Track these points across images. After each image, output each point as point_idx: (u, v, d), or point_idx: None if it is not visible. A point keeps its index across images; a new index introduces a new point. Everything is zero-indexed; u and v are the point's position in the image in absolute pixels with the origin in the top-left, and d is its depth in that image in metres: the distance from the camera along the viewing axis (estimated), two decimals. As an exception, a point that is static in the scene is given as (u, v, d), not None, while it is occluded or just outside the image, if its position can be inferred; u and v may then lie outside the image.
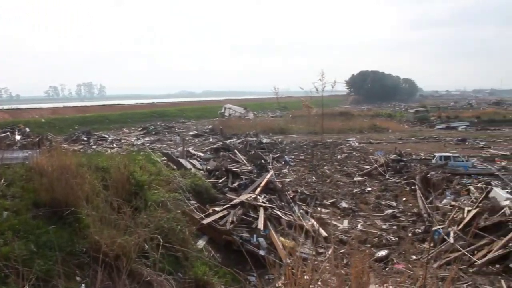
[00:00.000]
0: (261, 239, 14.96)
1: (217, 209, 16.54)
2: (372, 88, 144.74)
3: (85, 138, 44.05)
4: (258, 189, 19.38)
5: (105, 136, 47.80)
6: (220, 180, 21.56)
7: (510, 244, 14.37)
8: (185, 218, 13.55)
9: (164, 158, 22.82)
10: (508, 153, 37.98)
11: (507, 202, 17.53)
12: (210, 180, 20.80)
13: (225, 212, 16.23)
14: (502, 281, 13.23)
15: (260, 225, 15.58)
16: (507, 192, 21.63)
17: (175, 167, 20.92)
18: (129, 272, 8.54)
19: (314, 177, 28.55)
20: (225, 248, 14.51)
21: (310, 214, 19.85)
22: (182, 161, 22.42)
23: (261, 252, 13.94)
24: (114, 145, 39.38)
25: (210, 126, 58.26)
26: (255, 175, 23.35)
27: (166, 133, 54.30)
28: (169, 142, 43.66)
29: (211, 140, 44.74)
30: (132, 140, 44.87)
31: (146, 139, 46.80)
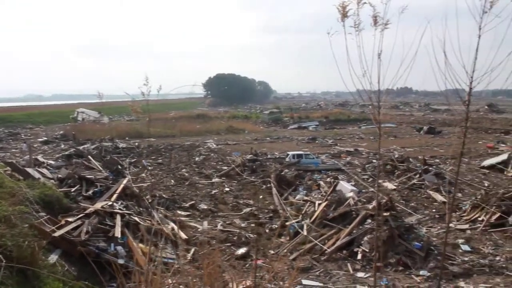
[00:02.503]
0: (119, 247, 14.39)
1: (70, 219, 15.53)
2: (229, 90, 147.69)
3: None
4: (114, 196, 18.62)
5: None
6: (73, 189, 20.32)
7: (354, 231, 15.72)
8: (34, 232, 12.51)
9: (8, 168, 20.85)
10: (352, 149, 41.46)
11: (351, 194, 19.15)
12: (62, 190, 19.47)
13: (79, 222, 15.30)
14: (349, 264, 14.52)
15: (118, 233, 14.98)
16: (351, 184, 23.65)
17: (21, 178, 19.24)
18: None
19: (172, 180, 28.30)
20: (81, 260, 13.67)
21: (170, 217, 19.62)
22: (29, 170, 20.72)
23: (120, 261, 13.41)
24: None
25: (61, 132, 54.75)
26: (111, 182, 22.42)
27: (11, 140, 49.84)
28: (14, 150, 40.11)
29: (62, 146, 42.08)
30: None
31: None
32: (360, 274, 13.99)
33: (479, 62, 5.45)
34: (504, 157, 32.79)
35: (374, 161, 33.52)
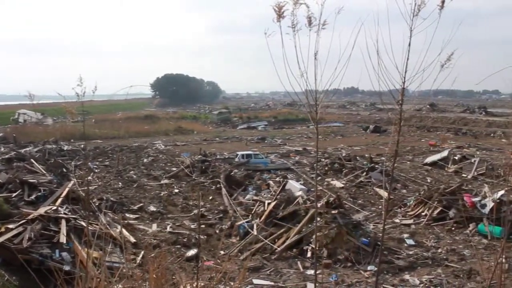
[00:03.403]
0: (64, 254, 13.95)
1: (11, 226, 14.90)
2: (177, 91, 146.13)
3: None
4: (59, 200, 18.03)
5: None
6: (14, 194, 19.49)
7: (303, 230, 15.92)
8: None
9: None
10: (300, 149, 42.00)
11: (300, 193, 19.39)
12: (1, 195, 18.66)
13: (20, 229, 14.70)
14: (298, 262, 14.69)
15: (63, 239, 14.52)
16: (300, 183, 23.95)
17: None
18: None
19: (120, 183, 27.70)
20: (23, 269, 13.15)
21: (118, 221, 19.19)
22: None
23: (66, 267, 12.99)
24: None
25: (1, 134, 52.41)
26: (55, 185, 21.66)
27: None
28: None
29: (2, 149, 40.28)
30: None
31: None
32: (310, 272, 14.16)
33: (411, 63, 5.64)
34: (444, 154, 34.26)
35: (322, 160, 34.09)
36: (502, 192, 19.48)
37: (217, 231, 18.90)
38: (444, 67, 5.57)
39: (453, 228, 18.47)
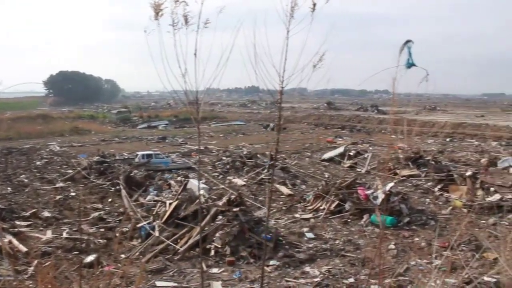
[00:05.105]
0: None
1: None
2: (74, 89, 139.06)
3: None
4: None
5: None
6: None
7: (206, 228, 15.96)
8: None
9: None
10: (202, 148, 41.99)
11: (201, 192, 19.39)
12: None
13: None
14: (202, 262, 14.65)
15: None
16: (202, 182, 23.95)
17: None
18: None
19: (9, 188, 25.87)
20: None
21: (7, 229, 17.92)
22: None
23: None
24: None
25: None
26: None
27: None
28: None
29: None
30: None
31: None
32: (214, 270, 14.26)
33: (292, 64, 5.88)
34: (341, 150, 36.12)
35: (224, 158, 34.36)
36: (391, 184, 21.06)
37: (118, 234, 18.32)
38: (317, 67, 5.84)
39: (349, 220, 19.57)
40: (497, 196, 21.28)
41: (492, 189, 22.39)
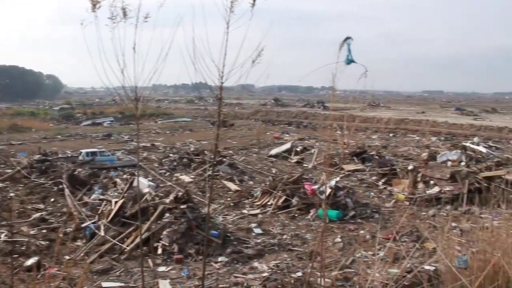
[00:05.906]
0: None
1: None
2: (12, 84, 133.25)
3: None
4: None
5: None
6: None
7: (153, 227, 15.75)
8: None
9: None
10: (148, 145, 41.41)
11: (148, 189, 19.13)
12: None
13: None
14: (149, 260, 14.43)
15: None
16: (148, 180, 23.64)
17: None
18: None
19: None
20: None
21: None
22: None
23: None
24: None
25: None
26: None
27: None
28: None
29: None
30: None
31: None
32: (162, 268, 14.09)
33: (231, 59, 5.88)
34: (288, 146, 36.62)
35: (171, 155, 34.00)
36: (337, 179, 21.57)
37: (61, 235, 17.72)
38: (255, 62, 5.88)
39: (296, 215, 19.83)
40: (436, 189, 22.19)
41: (431, 182, 23.31)
